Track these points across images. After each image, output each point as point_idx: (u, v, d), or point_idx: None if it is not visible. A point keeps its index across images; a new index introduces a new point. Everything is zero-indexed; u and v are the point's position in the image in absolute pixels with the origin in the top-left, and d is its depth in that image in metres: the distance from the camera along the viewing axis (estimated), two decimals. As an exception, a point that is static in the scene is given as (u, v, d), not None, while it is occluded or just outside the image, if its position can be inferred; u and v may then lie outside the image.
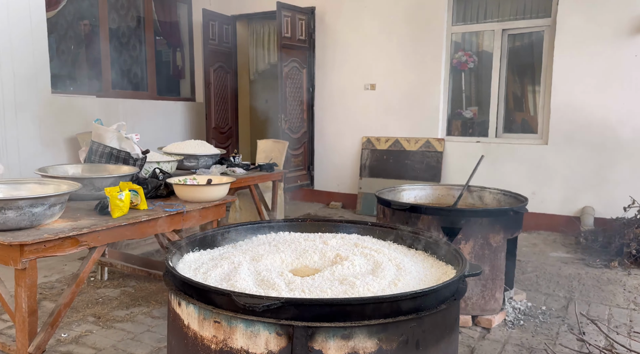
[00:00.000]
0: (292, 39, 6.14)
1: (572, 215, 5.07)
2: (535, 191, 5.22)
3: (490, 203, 3.42)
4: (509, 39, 5.56)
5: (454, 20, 5.73)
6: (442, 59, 5.72)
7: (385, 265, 1.61)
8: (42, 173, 2.75)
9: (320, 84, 6.50)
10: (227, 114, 7.13)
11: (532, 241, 4.78)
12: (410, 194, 3.60)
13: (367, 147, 6.21)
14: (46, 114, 4.98)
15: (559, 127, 5.11)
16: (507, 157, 5.37)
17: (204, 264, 1.66)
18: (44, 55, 4.93)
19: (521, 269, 3.92)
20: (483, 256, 2.83)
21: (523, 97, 5.81)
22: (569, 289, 3.53)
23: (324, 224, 2.12)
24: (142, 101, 6.18)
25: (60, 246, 2.10)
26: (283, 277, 1.53)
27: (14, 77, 4.68)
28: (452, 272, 1.56)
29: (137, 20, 6.55)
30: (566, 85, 5.03)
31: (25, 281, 2.02)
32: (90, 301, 3.16)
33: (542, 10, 5.29)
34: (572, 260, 4.22)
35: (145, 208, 2.60)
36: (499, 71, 5.56)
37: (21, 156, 4.78)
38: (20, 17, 4.69)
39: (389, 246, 1.89)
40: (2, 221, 2.01)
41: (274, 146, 5.23)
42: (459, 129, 5.94)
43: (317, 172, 6.66)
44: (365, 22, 6.08)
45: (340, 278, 1.51)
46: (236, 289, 1.41)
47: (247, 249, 1.83)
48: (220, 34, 6.83)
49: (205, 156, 4.12)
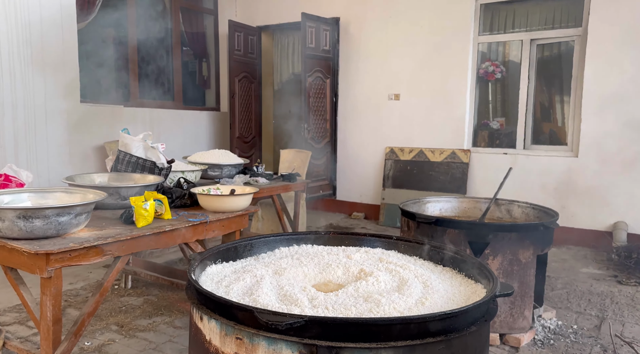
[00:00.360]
0: (316, 49, 6.16)
1: (604, 230, 4.89)
2: (565, 204, 5.07)
3: (519, 217, 3.32)
4: (538, 48, 5.45)
5: (480, 30, 5.65)
6: (469, 69, 5.64)
7: (411, 282, 1.56)
8: (69, 182, 2.79)
9: (343, 93, 6.48)
10: (251, 124, 7.17)
11: (562, 256, 4.63)
12: (435, 206, 3.53)
13: (390, 157, 6.15)
14: (75, 122, 5.09)
15: (590, 139, 4.96)
16: (536, 170, 5.24)
17: (226, 277, 1.64)
18: (75, 65, 5.05)
19: (550, 285, 3.79)
20: (512, 273, 2.74)
21: (552, 108, 5.67)
22: (601, 308, 3.40)
23: (348, 237, 2.08)
24: (168, 111, 6.27)
25: (85, 255, 2.11)
26: (306, 292, 1.50)
27: (45, 86, 4.80)
28: (482, 291, 1.50)
29: (165, 31, 6.67)
30: (597, 96, 4.89)
31: (50, 289, 2.03)
32: (114, 309, 3.17)
33: (572, 20, 5.17)
34: (604, 277, 4.06)
35: (170, 218, 2.61)
36: (527, 81, 5.45)
37: (50, 163, 4.89)
38: (53, 28, 4.82)
39: (414, 262, 1.84)
40: (29, 229, 2.03)
41: (297, 156, 5.23)
42: (485, 140, 5.83)
43: (339, 182, 6.62)
44: (390, 32, 6.05)
45: (364, 295, 1.47)
46: (258, 304, 1.38)
47: (270, 262, 1.81)
48: (245, 44, 6.90)
49: (228, 165, 4.13)
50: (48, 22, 4.78)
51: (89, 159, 5.26)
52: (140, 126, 5.76)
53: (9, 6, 4.49)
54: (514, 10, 5.54)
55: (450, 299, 1.46)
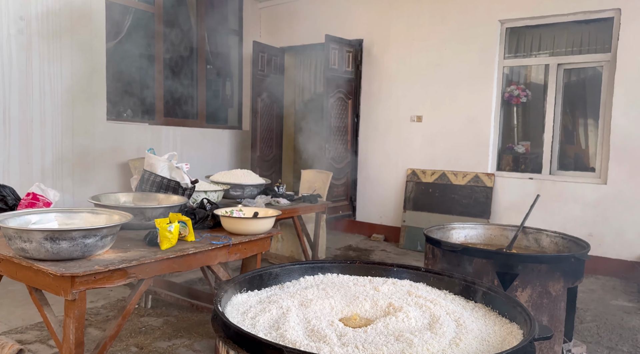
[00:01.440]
0: (339, 71, 6.18)
1: (634, 260, 4.73)
2: (592, 232, 4.93)
3: (548, 247, 3.22)
4: (565, 73, 5.37)
5: (506, 53, 5.61)
6: (493, 92, 5.59)
7: (443, 320, 1.50)
8: (95, 201, 2.81)
9: (365, 114, 6.47)
10: (272, 143, 7.20)
11: (590, 287, 4.49)
12: (460, 233, 3.45)
13: (412, 179, 6.09)
14: (101, 140, 5.17)
15: (619, 167, 4.83)
16: (562, 196, 5.12)
17: (252, 308, 1.61)
18: (102, 85, 5.15)
19: (579, 317, 3.65)
20: (541, 306, 2.64)
21: (579, 134, 5.57)
22: (633, 343, 3.26)
23: (374, 267, 2.04)
24: (191, 129, 6.34)
25: (109, 277, 2.11)
26: (334, 327, 1.46)
27: (73, 104, 4.91)
28: (518, 332, 1.44)
29: (190, 51, 6.78)
30: (627, 122, 4.79)
31: (74, 312, 2.03)
32: (134, 330, 3.16)
33: (600, 45, 5.10)
34: (635, 310, 3.91)
35: (193, 240, 2.60)
36: (554, 106, 5.37)
37: (75, 180, 4.96)
38: (83, 49, 4.94)
39: (445, 297, 1.78)
40: (55, 251, 2.03)
41: (318, 176, 5.21)
42: (510, 165, 5.74)
43: (359, 203, 6.57)
44: (413, 54, 6.05)
45: (395, 333, 1.42)
46: (286, 339, 1.35)
47: (295, 292, 1.77)
48: (269, 64, 6.97)
49: (250, 185, 4.13)
50: (78, 41, 4.90)
51: (113, 177, 5.32)
52: (164, 144, 5.83)
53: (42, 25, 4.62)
54: (540, 34, 5.49)
55: (485, 341, 1.40)
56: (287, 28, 7.07)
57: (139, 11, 5.76)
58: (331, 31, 6.29)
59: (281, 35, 7.13)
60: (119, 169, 5.37)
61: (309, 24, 6.84)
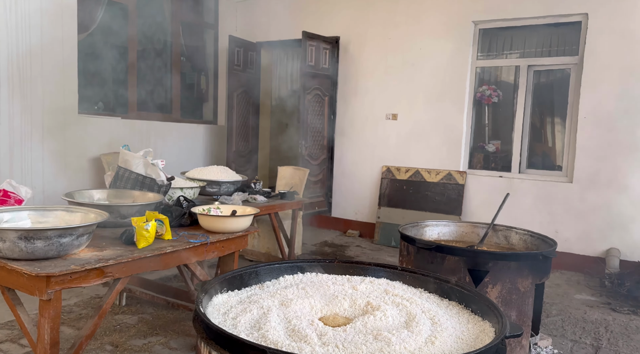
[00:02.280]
0: (316, 68, 6.20)
1: (597, 256, 4.94)
2: (558, 229, 5.11)
3: (517, 244, 3.34)
4: (535, 74, 5.53)
5: (479, 54, 5.73)
6: (466, 92, 5.71)
7: (419, 318, 1.56)
8: (69, 199, 2.76)
9: (341, 112, 6.52)
10: (248, 138, 7.17)
11: (556, 282, 4.66)
12: (433, 230, 3.54)
13: (386, 176, 6.18)
14: (72, 134, 5.06)
15: (585, 166, 5.02)
16: (530, 194, 5.29)
17: (232, 308, 1.63)
18: (73, 77, 5.03)
19: (545, 311, 3.80)
20: (511, 301, 2.75)
21: (547, 133, 5.75)
22: (596, 337, 3.41)
23: (352, 266, 2.08)
24: (165, 123, 6.26)
25: (85, 277, 2.09)
26: (314, 327, 1.49)
27: (43, 97, 4.78)
28: (490, 330, 1.51)
29: (164, 44, 6.68)
30: (592, 123, 4.97)
31: (49, 312, 2.00)
32: (108, 328, 3.13)
33: (569, 48, 5.27)
34: (597, 304, 4.09)
35: (170, 238, 2.59)
36: (524, 106, 5.52)
37: (45, 175, 4.84)
38: (53, 40, 4.81)
39: (420, 295, 1.84)
40: (30, 250, 2.00)
41: (295, 173, 5.23)
42: (481, 163, 5.88)
43: (335, 199, 6.63)
44: (389, 53, 6.12)
45: (373, 332, 1.47)
46: (268, 340, 1.37)
47: (275, 292, 1.79)
48: (245, 60, 6.93)
49: (227, 182, 4.12)
50: (48, 33, 4.77)
51: (84, 171, 5.22)
52: (137, 138, 5.74)
53: (10, 16, 4.49)
54: (511, 36, 5.64)
55: (459, 338, 1.46)
56: (264, 23, 7.03)
57: (112, 3, 5.64)
58: (308, 27, 6.29)
59: (257, 30, 7.09)
60: (90, 164, 5.27)
61: (285, 19, 6.82)
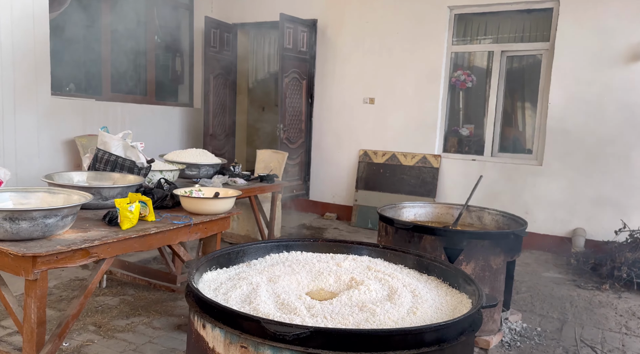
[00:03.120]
0: (294, 51, 6.19)
1: (564, 236, 5.17)
2: (529, 210, 5.31)
3: (489, 224, 3.48)
4: (508, 60, 5.67)
5: (454, 40, 5.83)
6: (442, 77, 5.82)
7: (400, 291, 1.64)
8: (49, 181, 2.74)
9: (319, 95, 6.55)
10: (225, 121, 7.14)
11: (525, 260, 4.87)
12: (410, 211, 3.65)
13: (363, 160, 6.27)
14: (45, 116, 4.95)
15: (553, 149, 5.22)
16: (502, 176, 5.46)
17: (222, 284, 1.69)
18: (46, 57, 4.90)
19: (516, 288, 3.97)
20: (484, 278, 2.88)
21: (518, 118, 5.92)
22: (562, 311, 3.61)
23: (336, 244, 2.15)
24: (140, 106, 6.17)
25: (71, 257, 2.10)
26: (302, 300, 1.57)
27: (14, 78, 4.65)
28: (467, 301, 1.61)
29: (138, 24, 6.54)
30: (562, 108, 5.15)
31: (36, 292, 2.02)
32: (90, 309, 3.14)
33: (540, 34, 5.42)
34: (564, 281, 4.30)
35: (153, 220, 2.61)
36: (497, 91, 5.67)
37: (18, 157, 4.74)
38: (23, 19, 4.67)
39: (401, 271, 1.93)
40: (15, 231, 2.01)
41: (274, 157, 5.26)
42: (455, 146, 6.03)
43: (313, 182, 6.69)
44: (367, 37, 6.16)
45: (358, 304, 1.55)
46: (259, 312, 1.44)
47: (263, 269, 1.86)
48: (221, 41, 6.85)
49: (206, 165, 4.13)
50: (19, 11, 4.63)
51: (58, 154, 5.12)
52: (112, 120, 5.65)
53: (-21, -7, 4.33)
54: (485, 21, 5.75)
55: (439, 309, 1.56)
56: (240, 4, 6.95)
57: (84, -20, 5.48)
58: (285, 9, 6.25)
59: (234, 11, 7.01)
60: (65, 146, 5.17)
61: (262, 0, 6.76)
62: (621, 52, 4.83)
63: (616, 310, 3.64)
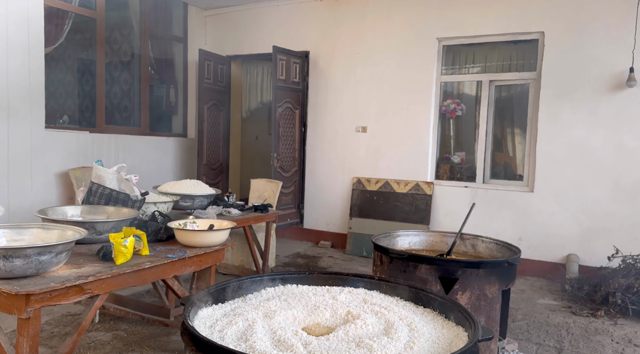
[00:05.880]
0: (287, 81, 6.30)
1: (558, 262, 5.18)
2: (522, 236, 5.34)
3: (483, 252, 3.49)
4: (496, 89, 5.80)
5: (443, 69, 5.96)
6: (432, 105, 5.92)
7: (397, 325, 1.64)
8: (43, 216, 2.74)
9: (312, 124, 6.63)
10: (219, 150, 7.18)
11: (520, 287, 4.86)
12: (404, 240, 3.66)
13: (357, 187, 6.30)
14: (39, 148, 4.96)
15: (544, 176, 5.28)
16: (494, 203, 5.51)
17: (218, 321, 1.68)
18: (40, 90, 4.95)
19: (511, 316, 3.97)
20: (479, 307, 2.88)
21: (508, 145, 6.02)
22: (558, 339, 3.59)
23: (331, 276, 2.15)
24: (134, 137, 6.20)
25: (65, 294, 2.09)
26: (298, 336, 1.56)
27: (9, 111, 4.68)
28: (463, 334, 1.61)
29: (132, 57, 6.64)
30: (551, 136, 5.24)
31: (28, 330, 1.99)
32: (82, 346, 3.09)
33: (527, 63, 5.56)
34: (559, 308, 4.29)
35: (147, 253, 2.60)
36: (486, 119, 5.77)
37: (10, 190, 4.73)
38: (19, 51, 4.73)
39: (397, 303, 1.93)
40: (8, 269, 1.99)
41: (268, 186, 5.28)
42: (447, 174, 6.08)
43: (307, 210, 6.70)
44: (358, 67, 6.28)
45: (355, 340, 1.55)
46: (256, 350, 1.43)
47: (258, 304, 1.85)
48: (215, 73, 6.96)
49: (200, 196, 4.14)
50: (15, 45, 4.69)
51: (51, 186, 5.11)
52: (106, 153, 5.67)
53: (-24, 29, 4.40)
54: (473, 51, 5.90)
55: (435, 343, 1.56)
56: (233, 37, 7.10)
57: (80, 16, 5.58)
58: (277, 41, 6.39)
59: (227, 44, 7.14)
60: (58, 179, 5.17)
61: (255, 33, 6.91)
62: (605, 81, 4.96)
63: (612, 337, 3.63)
